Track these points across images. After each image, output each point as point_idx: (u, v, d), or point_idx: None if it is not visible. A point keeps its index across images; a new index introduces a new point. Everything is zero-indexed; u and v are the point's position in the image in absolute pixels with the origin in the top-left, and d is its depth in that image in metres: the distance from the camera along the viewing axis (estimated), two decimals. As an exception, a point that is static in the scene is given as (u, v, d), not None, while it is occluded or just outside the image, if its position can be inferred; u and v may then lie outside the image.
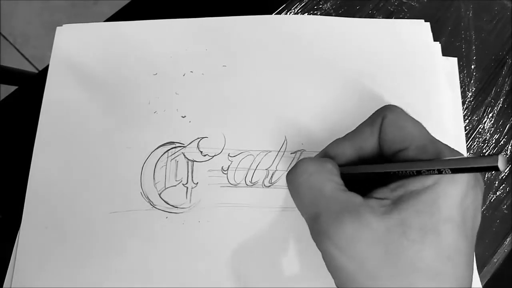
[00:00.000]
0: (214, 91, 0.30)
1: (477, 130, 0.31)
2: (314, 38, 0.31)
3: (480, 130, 0.31)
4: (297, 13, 0.33)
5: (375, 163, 0.21)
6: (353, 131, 0.23)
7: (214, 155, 0.28)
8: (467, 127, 0.31)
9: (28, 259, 0.26)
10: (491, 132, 0.31)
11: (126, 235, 0.27)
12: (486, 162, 0.16)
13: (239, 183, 0.28)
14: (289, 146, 0.29)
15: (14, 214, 0.27)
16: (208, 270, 0.26)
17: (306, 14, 0.33)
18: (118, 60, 0.31)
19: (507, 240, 0.29)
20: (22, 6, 1.04)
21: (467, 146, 0.31)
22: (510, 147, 0.31)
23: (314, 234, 0.20)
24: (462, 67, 0.33)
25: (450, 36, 0.34)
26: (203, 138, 0.29)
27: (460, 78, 0.32)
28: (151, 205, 0.27)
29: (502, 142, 0.31)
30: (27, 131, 0.29)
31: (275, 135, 0.29)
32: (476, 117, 0.32)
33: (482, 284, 0.28)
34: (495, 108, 0.32)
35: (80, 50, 0.31)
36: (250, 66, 0.31)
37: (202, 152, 0.29)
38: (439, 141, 0.20)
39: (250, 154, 0.28)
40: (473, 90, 0.32)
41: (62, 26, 0.32)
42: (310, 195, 0.21)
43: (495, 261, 0.29)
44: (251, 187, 0.28)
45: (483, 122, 0.32)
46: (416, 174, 0.19)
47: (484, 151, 0.31)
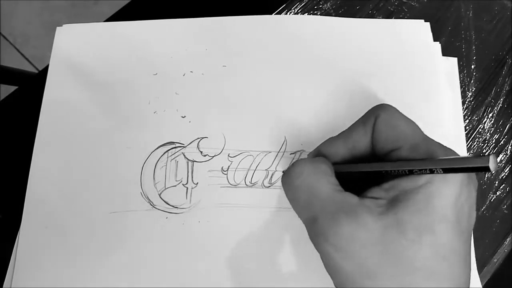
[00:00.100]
0: (214, 91, 0.30)
1: (477, 130, 0.31)
2: (314, 38, 0.31)
3: (480, 130, 0.31)
4: (297, 13, 0.33)
5: (368, 162, 0.21)
6: (346, 130, 0.23)
7: (214, 156, 0.28)
8: (467, 127, 0.31)
9: (28, 259, 0.26)
10: (491, 132, 0.31)
11: (126, 235, 0.27)
12: (477, 162, 0.16)
13: (239, 184, 0.28)
14: (288, 147, 0.29)
15: (14, 214, 0.27)
16: (208, 270, 0.26)
17: (306, 14, 0.33)
18: (118, 60, 0.31)
19: (507, 240, 0.29)
20: (22, 6, 1.04)
21: (467, 146, 0.31)
22: (510, 147, 0.31)
23: (311, 235, 0.20)
24: (462, 67, 0.33)
25: (450, 36, 0.34)
26: (203, 138, 0.29)
27: (460, 78, 0.32)
28: (151, 205, 0.27)
29: (502, 142, 0.31)
30: (27, 131, 0.29)
31: (275, 136, 0.29)
32: (476, 117, 0.32)
33: (482, 284, 0.28)
34: (495, 108, 0.32)
35: (80, 50, 0.31)
36: (250, 66, 0.31)
37: (202, 152, 0.29)
38: (433, 140, 0.20)
39: (250, 155, 0.28)
40: (473, 90, 0.32)
41: (62, 26, 0.32)
42: (306, 197, 0.21)
43: (495, 261, 0.29)
44: (251, 188, 0.28)
45: (483, 122, 0.32)
46: (408, 174, 0.19)
47: (484, 151, 0.31)
